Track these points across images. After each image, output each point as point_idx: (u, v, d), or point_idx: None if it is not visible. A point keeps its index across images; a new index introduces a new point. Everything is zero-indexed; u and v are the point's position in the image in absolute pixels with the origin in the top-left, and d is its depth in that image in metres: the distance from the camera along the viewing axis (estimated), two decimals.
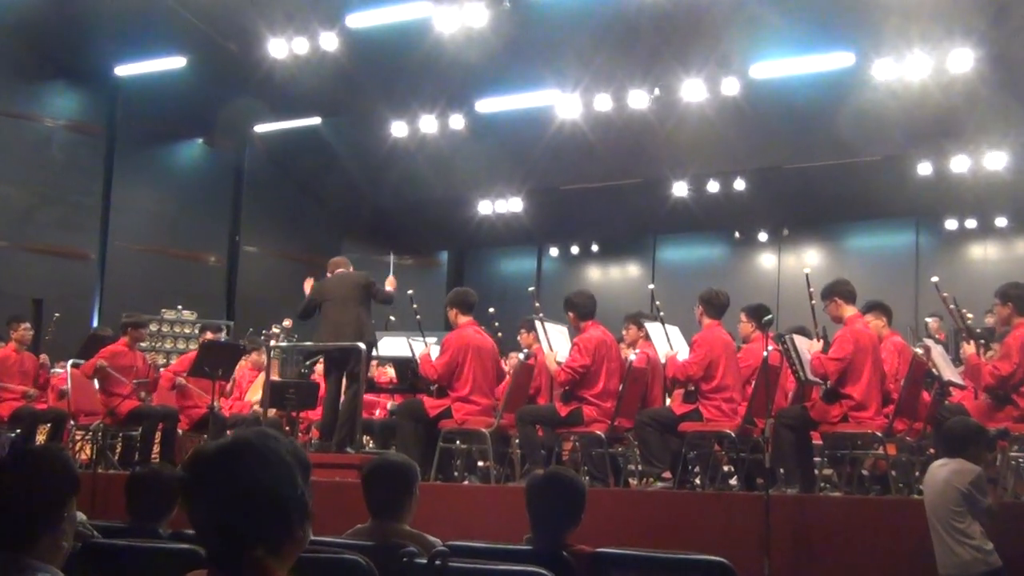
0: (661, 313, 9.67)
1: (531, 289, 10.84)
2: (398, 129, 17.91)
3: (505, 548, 4.48)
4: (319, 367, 12.08)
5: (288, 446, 2.16)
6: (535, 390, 10.48)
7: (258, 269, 20.51)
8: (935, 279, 9.11)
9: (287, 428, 11.21)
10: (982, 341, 8.68)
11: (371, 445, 11.54)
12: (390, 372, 12.59)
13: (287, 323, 12.91)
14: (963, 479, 6.23)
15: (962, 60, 14.18)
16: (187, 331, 17.14)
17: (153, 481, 5.16)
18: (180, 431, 11.24)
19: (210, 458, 2.12)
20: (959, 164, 16.82)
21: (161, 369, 12.29)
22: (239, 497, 2.07)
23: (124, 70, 18.06)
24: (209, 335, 12.92)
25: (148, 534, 4.77)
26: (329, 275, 10.57)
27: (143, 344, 12.88)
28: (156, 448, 10.94)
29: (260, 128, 19.85)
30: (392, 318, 13.23)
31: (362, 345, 10.23)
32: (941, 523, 6.30)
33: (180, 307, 17.47)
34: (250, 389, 12.30)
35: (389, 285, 10.60)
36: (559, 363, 9.25)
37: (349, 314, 10.18)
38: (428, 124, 17.70)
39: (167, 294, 18.03)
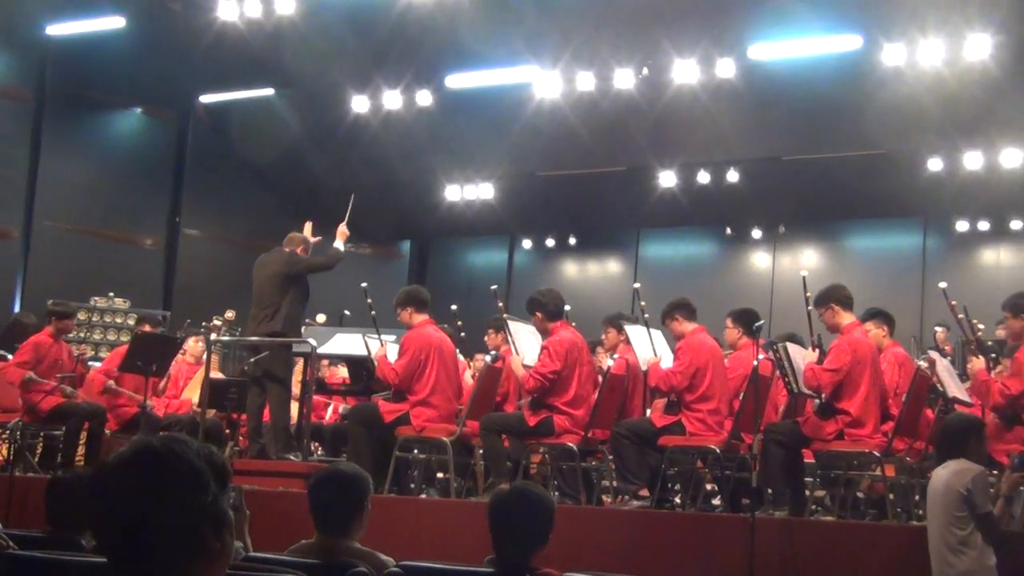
0: (646, 315, 9.69)
1: (494, 287, 10.83)
2: (359, 104, 17.85)
3: (464, 570, 4.49)
4: None
5: (199, 450, 2.17)
6: (502, 396, 10.50)
7: (200, 254, 20.39)
8: (943, 285, 9.16)
9: (227, 431, 11.19)
10: (992, 355, 8.74)
11: (320, 452, 11.53)
12: (342, 372, 12.57)
13: (229, 315, 12.86)
14: (963, 479, 6.29)
15: (979, 47, 14.23)
16: (119, 321, 17.03)
17: (76, 486, 5.14)
18: (108, 431, 11.17)
19: (112, 469, 2.14)
20: (972, 161, 16.91)
21: (90, 364, 12.23)
22: (144, 509, 2.09)
23: (56, 29, 17.92)
24: (148, 327, 12.86)
25: (70, 545, 4.76)
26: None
27: (70, 335, 12.78)
28: (81, 450, 10.89)
29: (206, 98, 19.74)
30: (347, 312, 13.22)
31: (312, 341, 10.27)
32: (940, 531, 6.34)
33: (112, 294, 17.35)
34: (188, 387, 12.24)
35: (339, 236, 10.56)
36: (527, 368, 9.27)
37: (263, 306, 10.19)
38: (393, 100, 17.65)
39: (98, 279, 17.90)
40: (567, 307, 9.87)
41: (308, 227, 10.83)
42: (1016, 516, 8.03)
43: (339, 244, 10.60)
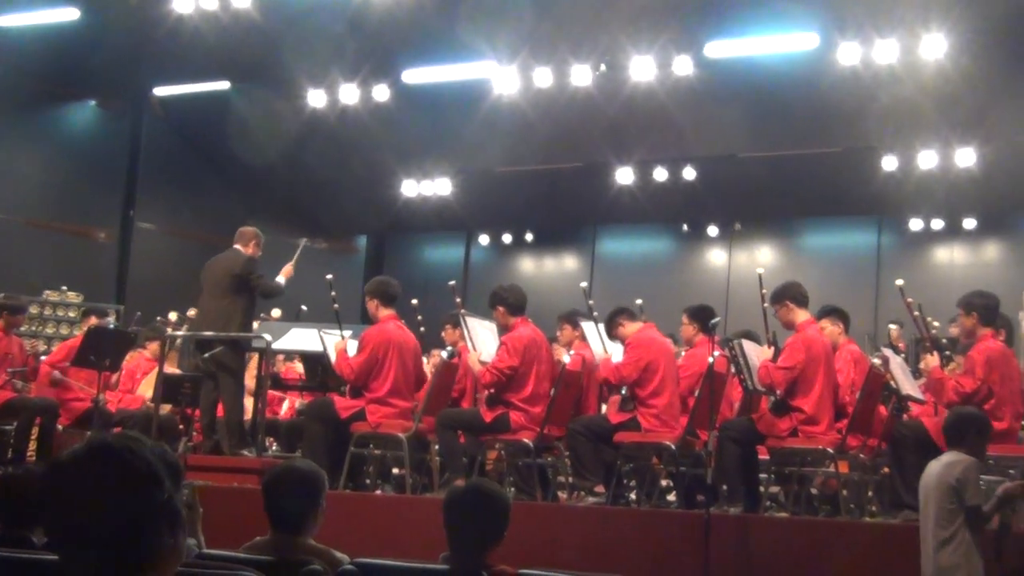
0: (595, 313, 9.72)
1: (452, 283, 10.83)
2: (315, 98, 17.78)
3: (419, 567, 4.49)
4: None
5: (153, 448, 2.16)
6: (459, 392, 10.50)
7: (154, 248, 20.26)
8: (900, 282, 9.22)
9: (182, 426, 11.13)
10: (946, 353, 8.81)
11: (275, 448, 11.49)
12: (298, 368, 12.53)
13: (191, 312, 12.75)
14: (953, 471, 6.24)
15: (934, 46, 14.34)
16: (71, 315, 16.91)
17: (27, 482, 5.09)
18: (60, 426, 11.09)
19: (65, 466, 2.13)
20: (927, 160, 17.03)
21: (42, 358, 12.13)
22: (99, 506, 2.08)
23: (7, 20, 17.71)
24: (94, 320, 12.76)
25: (20, 543, 4.71)
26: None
27: (21, 328, 12.68)
28: (32, 445, 10.80)
29: (161, 91, 19.60)
30: (304, 308, 13.16)
31: (267, 336, 10.24)
32: (932, 522, 6.30)
33: (65, 288, 17.22)
34: (143, 382, 12.17)
35: (283, 274, 10.64)
36: (484, 363, 9.27)
37: (213, 304, 10.25)
38: (349, 94, 17.59)
39: (50, 273, 17.75)
40: None
41: (288, 268, 10.87)
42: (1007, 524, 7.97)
43: (281, 279, 10.68)
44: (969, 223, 19.02)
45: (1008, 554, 6.42)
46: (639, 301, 10.22)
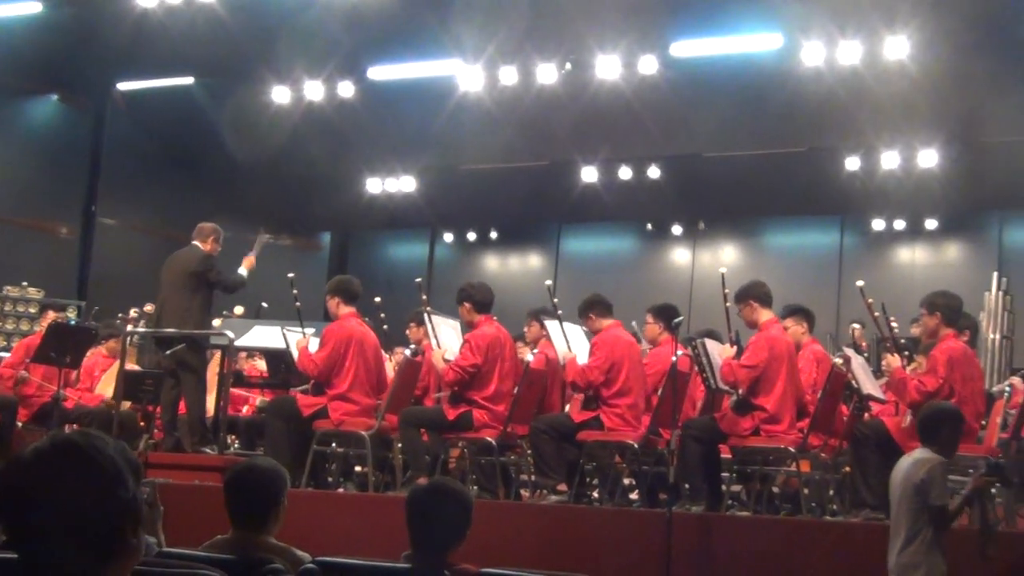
0: (559, 311, 9.72)
1: (418, 280, 10.82)
2: (280, 94, 17.70)
3: (381, 566, 4.48)
4: None
5: (116, 446, 2.15)
6: (422, 390, 10.48)
7: (116, 244, 20.11)
8: (860, 283, 9.27)
9: (142, 423, 11.07)
10: (906, 352, 8.87)
11: (236, 445, 11.44)
12: (260, 365, 12.49)
13: (149, 307, 12.70)
14: (919, 469, 6.23)
15: (898, 47, 14.42)
16: (32, 311, 16.79)
17: None
18: (19, 423, 11.02)
19: (29, 463, 2.11)
20: (890, 160, 17.12)
21: (0, 355, 12.05)
22: (63, 503, 2.06)
23: None
24: (51, 315, 12.67)
25: None
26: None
27: None
28: None
29: (124, 86, 19.47)
30: (264, 304, 13.11)
31: (230, 333, 10.21)
32: (897, 521, 6.32)
33: (25, 283, 17.09)
34: (103, 378, 12.09)
35: (244, 266, 10.58)
36: (447, 361, 9.26)
37: (171, 302, 10.21)
38: (314, 90, 17.52)
39: (10, 268, 17.59)
40: None
41: (249, 259, 10.80)
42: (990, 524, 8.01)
43: (243, 271, 10.62)
44: (931, 223, 19.14)
45: (993, 552, 6.46)
46: None
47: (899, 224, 19.33)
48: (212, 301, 10.57)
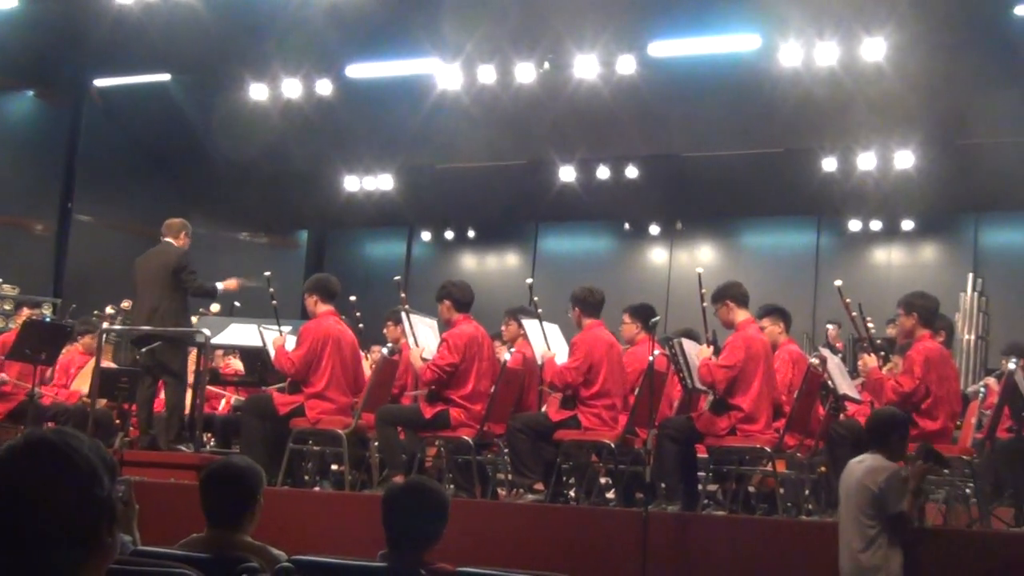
0: (539, 310, 9.72)
1: (397, 278, 10.81)
2: (257, 92, 17.66)
3: (357, 564, 4.47)
4: None
5: (91, 445, 2.14)
6: (399, 389, 10.47)
7: (92, 241, 20.04)
8: (839, 283, 9.28)
9: (118, 420, 11.02)
10: (882, 353, 8.90)
11: (212, 444, 11.41)
12: (236, 363, 12.45)
13: (126, 304, 12.64)
14: (875, 477, 6.37)
15: (874, 49, 14.48)
16: (7, 308, 16.71)
17: None
18: None
19: (2, 461, 2.10)
20: (866, 161, 17.19)
21: None
22: (38, 502, 2.05)
23: None
24: (26, 312, 12.61)
25: None
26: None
27: None
28: None
29: (101, 82, 19.42)
30: (237, 304, 13.07)
31: (206, 331, 10.19)
32: (850, 524, 6.42)
33: (0, 280, 17.02)
34: (78, 376, 12.04)
35: (224, 283, 10.56)
36: (425, 360, 9.25)
37: (147, 299, 10.16)
38: (292, 88, 17.48)
39: None
40: None
41: (232, 282, 10.78)
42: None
43: (220, 285, 10.56)
44: (907, 224, 19.22)
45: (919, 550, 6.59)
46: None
47: (875, 225, 19.40)
48: (188, 299, 10.54)
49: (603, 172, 18.94)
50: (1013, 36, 14.30)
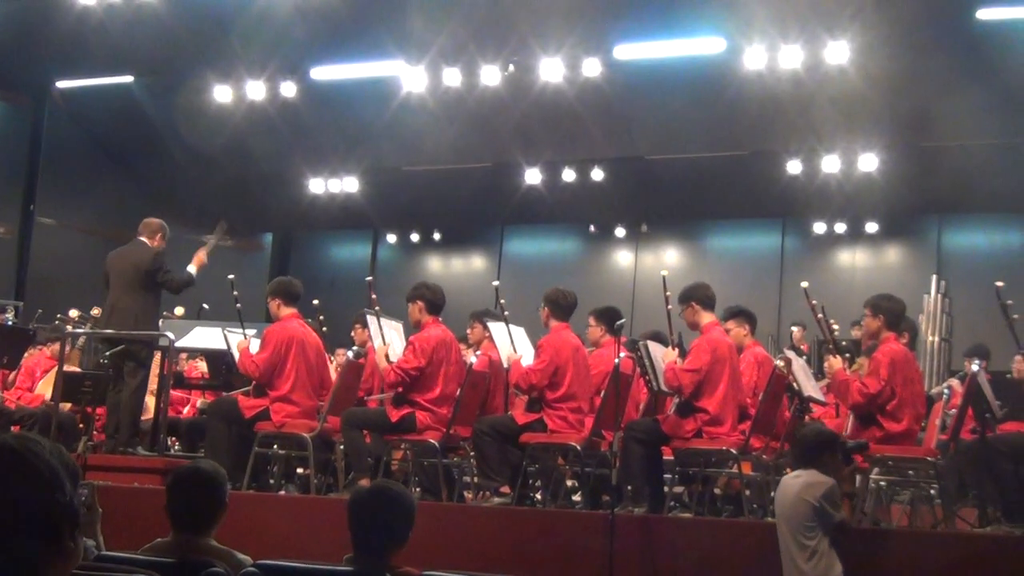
0: (506, 312, 9.72)
1: (369, 279, 10.78)
2: (221, 94, 17.59)
3: (323, 568, 4.47)
4: None
5: (53, 450, 2.13)
6: (365, 392, 10.45)
7: (55, 244, 19.93)
8: (805, 284, 9.29)
9: (81, 425, 10.96)
10: (847, 355, 8.94)
11: (177, 447, 11.36)
12: (201, 366, 12.40)
13: (95, 311, 12.47)
14: (814, 492, 6.54)
15: (838, 52, 14.57)
16: None
17: None
18: None
19: None
20: (830, 164, 17.26)
21: None
22: (2, 508, 2.04)
23: None
24: None
25: None
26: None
27: None
28: None
29: (63, 84, 19.30)
30: (205, 306, 13.01)
31: (170, 335, 10.13)
32: (790, 538, 6.57)
33: None
34: (43, 380, 11.97)
35: (194, 263, 10.47)
36: (390, 361, 9.22)
37: (122, 301, 10.07)
38: (256, 90, 17.41)
39: None
40: None
41: (200, 255, 10.67)
42: (868, 512, 8.27)
43: (192, 269, 10.47)
44: (871, 227, 19.33)
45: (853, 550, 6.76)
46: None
47: (840, 227, 19.50)
48: (161, 300, 10.46)
49: (568, 175, 18.97)
50: (975, 39, 14.41)
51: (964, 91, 14.79)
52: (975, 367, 9.08)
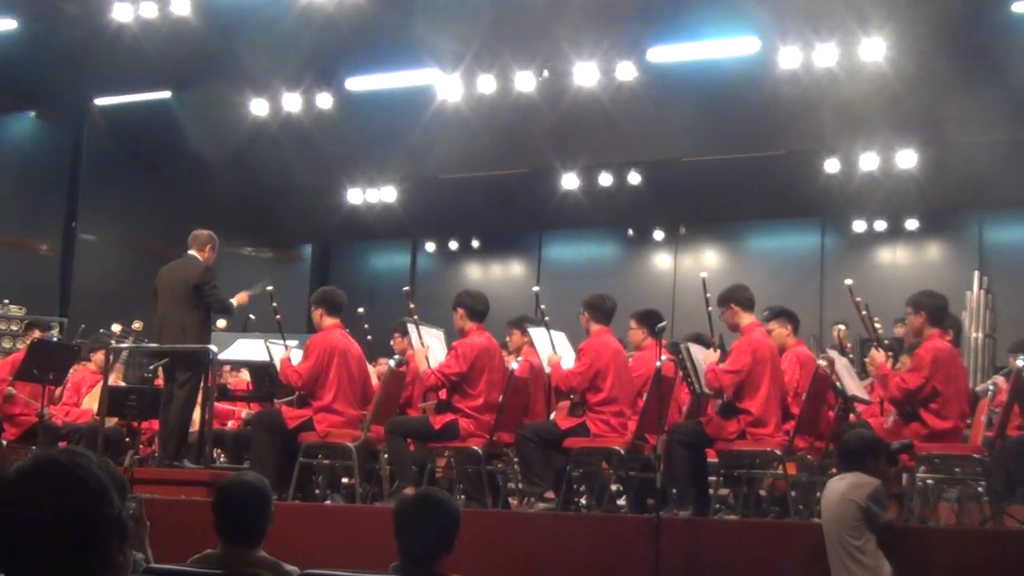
0: (546, 318, 9.71)
1: (406, 288, 10.81)
2: (258, 107, 17.67)
3: None
4: None
5: (100, 464, 2.14)
6: (405, 400, 10.46)
7: (96, 260, 20.08)
8: (849, 281, 9.26)
9: (128, 439, 11.03)
10: (890, 353, 8.89)
11: (223, 459, 11.41)
12: (245, 378, 12.45)
13: (137, 325, 12.53)
14: (861, 492, 6.50)
15: (873, 49, 14.47)
16: (14, 328, 16.75)
17: None
18: (5, 442, 10.97)
19: (12, 482, 2.10)
20: (868, 162, 17.15)
21: None
22: (47, 522, 2.05)
23: None
24: (37, 333, 12.63)
25: None
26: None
27: None
28: None
29: (101, 101, 19.43)
30: (252, 316, 13.08)
31: (213, 347, 10.18)
32: (837, 539, 6.55)
33: (7, 301, 17.04)
34: (88, 395, 12.05)
35: (237, 298, 10.56)
36: (431, 365, 9.24)
37: (173, 315, 10.15)
38: (292, 102, 17.50)
39: None
40: None
41: (242, 296, 10.79)
42: (915, 511, 8.22)
43: (234, 301, 10.57)
44: (911, 224, 19.17)
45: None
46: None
47: (879, 225, 19.35)
48: (211, 314, 10.51)
49: (605, 179, 18.92)
50: (1011, 32, 14.29)
51: (1000, 85, 14.67)
52: (1020, 363, 9.00)
